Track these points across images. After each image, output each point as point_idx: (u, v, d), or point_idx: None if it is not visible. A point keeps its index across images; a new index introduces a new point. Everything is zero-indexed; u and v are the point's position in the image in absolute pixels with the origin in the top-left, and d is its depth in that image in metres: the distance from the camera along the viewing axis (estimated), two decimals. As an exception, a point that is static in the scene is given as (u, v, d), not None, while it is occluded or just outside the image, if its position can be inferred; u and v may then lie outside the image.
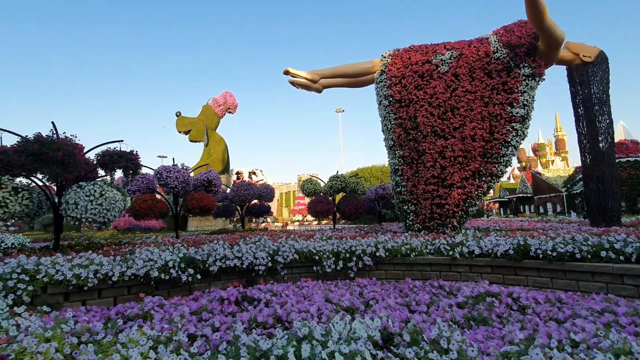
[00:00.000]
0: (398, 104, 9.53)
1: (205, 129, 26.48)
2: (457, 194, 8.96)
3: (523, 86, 8.65)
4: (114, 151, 6.80)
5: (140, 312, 3.01)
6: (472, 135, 8.74)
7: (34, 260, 3.73)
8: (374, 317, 2.74)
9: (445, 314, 2.74)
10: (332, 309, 2.95)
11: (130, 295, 3.93)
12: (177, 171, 8.77)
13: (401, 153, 9.47)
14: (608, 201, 8.69)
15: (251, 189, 12.11)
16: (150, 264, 3.93)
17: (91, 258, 3.87)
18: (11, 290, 3.32)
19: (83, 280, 3.55)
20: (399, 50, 9.95)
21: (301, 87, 10.62)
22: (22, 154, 5.50)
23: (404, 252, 4.88)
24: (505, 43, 8.77)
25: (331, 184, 12.38)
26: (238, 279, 4.70)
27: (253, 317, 2.79)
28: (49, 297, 3.55)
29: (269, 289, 3.73)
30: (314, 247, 4.95)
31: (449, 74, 9.07)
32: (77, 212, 5.81)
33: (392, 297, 3.52)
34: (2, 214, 5.40)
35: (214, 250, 4.52)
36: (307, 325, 2.34)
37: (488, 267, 4.52)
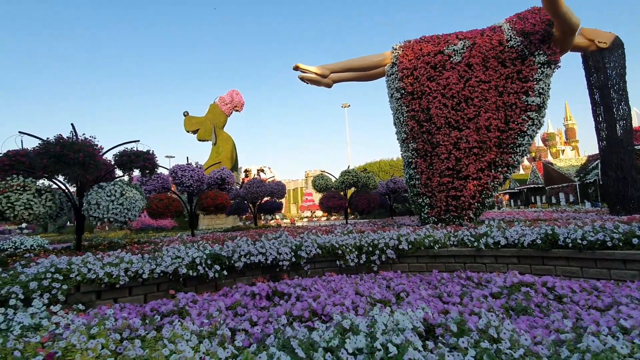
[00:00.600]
0: (410, 96, 9.44)
1: (213, 128, 26.58)
2: (472, 185, 8.88)
3: (538, 74, 8.51)
4: (132, 151, 6.86)
5: (175, 309, 3.04)
6: (487, 125, 8.64)
7: (66, 260, 3.78)
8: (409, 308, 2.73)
9: (482, 305, 2.71)
10: (365, 302, 2.95)
11: (160, 292, 3.97)
12: (192, 170, 8.81)
13: (414, 146, 9.40)
14: (627, 189, 8.53)
15: (263, 186, 12.13)
16: (178, 261, 3.96)
17: (121, 257, 3.92)
18: (46, 290, 3.37)
19: (115, 279, 3.59)
20: (410, 42, 9.83)
21: (311, 83, 10.58)
22: (44, 156, 5.56)
23: (427, 244, 4.85)
24: (519, 31, 8.61)
25: (343, 178, 12.35)
26: (262, 275, 4.72)
27: (288, 311, 2.80)
28: (82, 295, 3.60)
29: (297, 283, 3.74)
30: (336, 242, 4.95)
31: (462, 64, 8.95)
32: (99, 212, 5.87)
33: (422, 289, 3.50)
34: (27, 216, 5.48)
35: (239, 247, 4.54)
36: (347, 317, 2.33)
37: (514, 257, 4.47)
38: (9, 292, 3.32)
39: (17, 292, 3.30)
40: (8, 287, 3.34)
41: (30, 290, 3.34)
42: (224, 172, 9.99)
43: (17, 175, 5.70)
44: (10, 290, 3.31)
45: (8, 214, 5.33)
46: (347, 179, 12.21)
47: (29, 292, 3.34)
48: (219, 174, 9.90)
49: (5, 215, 5.35)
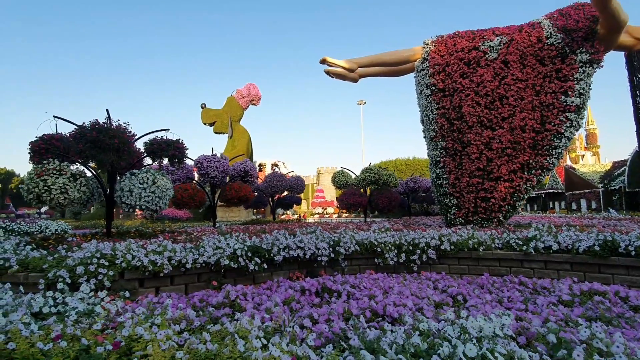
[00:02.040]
0: (441, 93, 9.18)
1: (229, 121, 26.59)
2: (504, 187, 8.62)
3: (579, 73, 8.17)
4: (163, 139, 6.80)
5: (226, 301, 2.93)
6: (522, 125, 8.35)
7: (110, 246, 3.72)
8: (478, 313, 2.56)
9: (557, 313, 2.53)
10: (427, 303, 2.79)
11: (200, 282, 3.89)
12: (217, 161, 8.75)
13: (443, 144, 9.16)
14: (670, 197, 8.15)
15: (284, 180, 12.04)
16: (219, 252, 3.87)
17: (164, 245, 3.84)
18: (92, 275, 3.31)
19: (159, 267, 3.51)
20: (443, 37, 9.55)
21: (336, 77, 10.39)
22: (80, 141, 5.54)
23: (471, 246, 4.66)
24: (561, 27, 8.27)
25: (364, 176, 12.16)
26: (299, 269, 4.60)
27: (347, 310, 2.66)
28: (126, 282, 3.53)
29: (344, 280, 3.60)
30: (375, 239, 4.80)
31: (498, 61, 8.65)
32: (131, 199, 5.84)
33: (476, 292, 3.33)
34: (62, 200, 5.47)
35: (277, 240, 4.43)
36: (422, 320, 2.18)
37: (567, 263, 4.25)
38: (56, 275, 3.27)
39: (64, 276, 3.25)
40: (55, 270, 3.29)
41: (77, 275, 3.28)
42: (247, 164, 9.91)
43: (52, 159, 5.69)
44: (58, 274, 3.26)
45: (45, 197, 5.33)
46: (368, 177, 12.03)
47: (75, 276, 3.28)
48: (242, 166, 9.82)
49: (42, 198, 5.35)
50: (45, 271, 3.34)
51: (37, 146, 5.85)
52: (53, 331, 2.04)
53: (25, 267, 3.48)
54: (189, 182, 9.14)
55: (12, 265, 3.43)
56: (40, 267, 3.41)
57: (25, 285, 3.38)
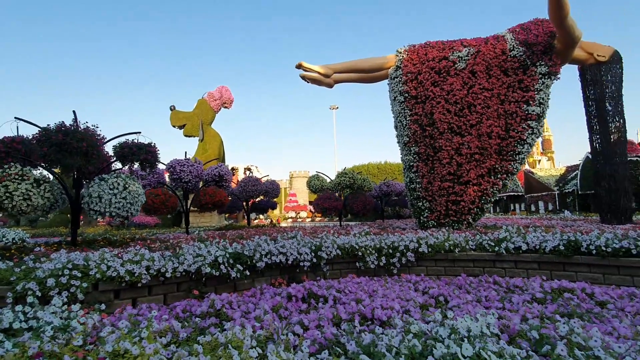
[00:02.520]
0: (414, 100, 9.49)
1: (200, 124, 25.93)
2: (473, 190, 9.03)
3: (539, 84, 8.75)
4: (134, 143, 6.53)
5: (211, 310, 2.85)
6: (489, 132, 8.80)
7: (83, 256, 3.51)
8: (462, 313, 2.67)
9: (533, 310, 2.70)
10: (413, 305, 2.87)
11: (180, 292, 3.75)
12: (190, 165, 8.50)
13: (416, 149, 9.46)
14: (620, 200, 8.90)
15: (259, 184, 11.90)
16: (199, 259, 3.76)
17: (141, 253, 3.67)
18: (64, 287, 3.10)
19: (137, 277, 3.35)
20: (415, 46, 9.90)
21: (312, 82, 10.46)
22: (44, 144, 5.19)
23: (448, 247, 4.85)
24: (522, 41, 8.82)
25: (339, 180, 12.29)
26: (281, 275, 4.57)
27: (336, 315, 2.68)
28: (100, 294, 3.34)
29: (329, 285, 3.62)
30: (356, 243, 4.86)
31: (466, 71, 9.08)
32: (100, 205, 5.53)
33: (457, 292, 3.47)
34: (25, 207, 5.08)
35: (259, 246, 4.37)
36: (413, 322, 2.25)
37: (535, 263, 4.53)
38: (25, 288, 3.04)
39: (33, 289, 3.03)
40: (23, 283, 3.05)
41: (48, 287, 3.06)
42: (221, 169, 9.71)
43: (14, 164, 5.29)
44: (27, 287, 3.03)
45: (6, 205, 4.93)
46: (343, 181, 12.17)
47: (46, 289, 3.07)
48: (216, 171, 9.61)
49: (2, 205, 4.94)
50: (13, 284, 3.09)
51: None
52: (30, 348, 1.90)
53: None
54: (160, 187, 8.81)
55: (-30, 279, 3.14)
56: (7, 280, 3.15)
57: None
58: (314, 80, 10.41)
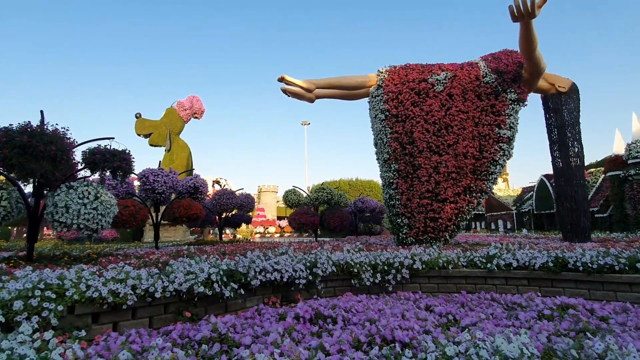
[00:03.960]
0: (394, 118, 9.72)
1: (168, 133, 24.85)
2: (450, 208, 9.28)
3: (509, 109, 9.32)
4: (107, 149, 6.01)
5: (214, 335, 2.55)
6: (465, 152, 9.18)
7: (57, 274, 3.04)
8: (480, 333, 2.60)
9: (547, 327, 2.69)
10: (432, 325, 2.76)
11: (168, 314, 3.36)
12: (165, 175, 7.98)
13: (396, 167, 9.62)
14: (580, 219, 9.55)
15: (234, 198, 11.45)
16: (191, 277, 3.41)
17: (126, 271, 3.26)
18: (35, 311, 2.64)
19: (122, 298, 2.95)
20: (396, 67, 10.23)
21: (293, 96, 10.41)
22: (5, 146, 4.59)
23: (441, 264, 4.85)
24: (494, 69, 9.41)
25: (316, 195, 12.17)
26: (274, 294, 4.29)
27: (355, 337, 2.50)
28: (76, 318, 2.89)
29: (334, 304, 3.42)
30: (351, 259, 4.72)
31: (444, 94, 9.49)
32: (67, 217, 4.95)
33: (462, 310, 3.42)
34: (-26, 217, 4.40)
35: (253, 263, 4.09)
36: (447, 344, 2.13)
37: (525, 279, 4.64)
38: (-19, 314, 2.54)
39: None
40: (-21, 308, 2.56)
41: (13, 312, 2.59)
42: (197, 180, 9.22)
43: (-38, 167, 4.61)
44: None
45: (-52, 214, 4.24)
46: (321, 196, 12.06)
47: (11, 313, 2.59)
48: (192, 182, 9.11)
49: (-56, 215, 4.24)
50: (-35, 309, 2.59)
51: (-61, 150, 4.71)
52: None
53: None
54: (130, 198, 8.16)
55: None
56: (-44, 304, 2.63)
57: None
58: (295, 94, 10.36)
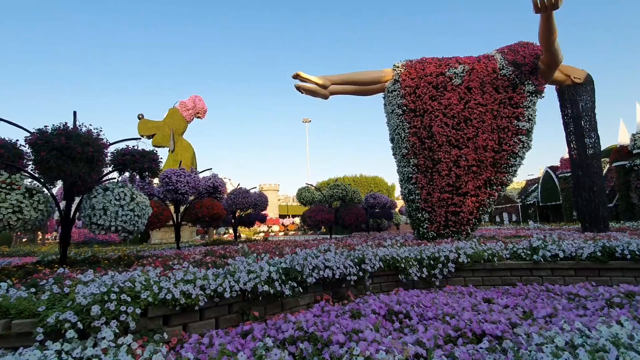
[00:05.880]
0: (412, 113, 9.67)
1: (171, 134, 24.63)
2: (471, 202, 9.27)
3: (527, 102, 9.31)
4: (136, 150, 5.92)
5: (300, 334, 2.49)
6: (484, 145, 9.15)
7: (127, 276, 2.97)
8: (560, 324, 2.57)
9: (625, 314, 2.68)
10: (517, 318, 2.73)
11: (232, 314, 3.31)
12: (187, 175, 7.88)
13: (415, 161, 9.58)
14: (599, 209, 9.60)
15: (249, 197, 11.37)
16: (253, 276, 3.36)
17: (192, 271, 3.19)
18: (112, 315, 2.57)
19: (193, 299, 2.89)
20: (412, 62, 10.17)
21: (307, 93, 10.32)
22: (42, 148, 4.48)
23: (486, 257, 4.83)
24: (511, 61, 9.38)
25: (331, 192, 12.12)
26: (324, 291, 4.24)
27: (447, 333, 2.46)
28: (149, 321, 2.82)
29: (400, 299, 3.39)
30: (397, 254, 4.69)
31: (462, 87, 9.44)
32: (105, 219, 4.86)
33: (525, 302, 3.40)
34: (14, 221, 4.29)
35: (306, 260, 4.04)
36: (554, 335, 2.10)
37: (571, 269, 4.63)
38: (59, 320, 2.47)
39: (71, 320, 2.47)
40: (56, 313, 2.49)
41: (90, 317, 2.52)
42: (216, 179, 9.13)
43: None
44: (61, 318, 2.47)
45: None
46: (336, 193, 12.01)
47: (88, 319, 2.52)
48: (211, 182, 9.02)
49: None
50: (41, 315, 2.51)
51: (-28, 154, 4.60)
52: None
53: (4, 313, 2.58)
54: (151, 199, 8.05)
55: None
56: (31, 311, 2.55)
57: (5, 338, 2.50)
58: (308, 90, 10.28)
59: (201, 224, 8.59)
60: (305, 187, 12.79)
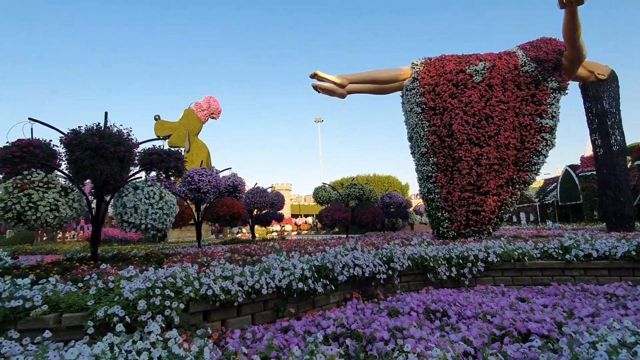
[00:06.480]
0: (432, 111, 9.59)
1: (187, 134, 25.00)
2: (492, 201, 9.13)
3: (551, 98, 9.11)
4: (162, 149, 6.03)
5: (343, 330, 2.50)
6: (506, 143, 9.00)
7: (167, 272, 3.03)
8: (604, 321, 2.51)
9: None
10: (562, 317, 2.68)
11: (267, 310, 3.34)
12: (209, 175, 7.99)
13: (435, 160, 9.50)
14: (625, 208, 9.34)
15: (267, 196, 11.45)
16: (287, 273, 3.39)
17: (230, 268, 3.24)
18: (157, 310, 2.63)
19: (233, 295, 2.93)
20: (431, 59, 10.07)
21: (324, 92, 10.33)
22: (77, 148, 4.61)
23: (517, 256, 4.76)
24: (533, 57, 9.20)
25: (348, 191, 12.11)
26: (353, 289, 4.25)
27: (492, 332, 2.44)
28: (190, 316, 2.88)
29: (435, 298, 3.37)
30: (425, 253, 4.66)
31: (483, 84, 9.31)
32: (136, 217, 4.97)
33: (564, 302, 3.33)
34: (52, 219, 4.43)
35: (335, 258, 4.05)
36: (607, 334, 2.06)
37: (605, 269, 4.53)
38: (108, 314, 2.54)
39: (119, 314, 2.54)
40: (105, 307, 2.56)
41: (137, 312, 2.58)
42: (235, 178, 9.23)
43: (35, 170, 4.64)
44: (109, 312, 2.54)
45: (29, 216, 4.27)
46: (353, 192, 12.00)
47: (134, 313, 2.59)
48: (230, 181, 9.12)
49: (25, 217, 4.28)
50: (90, 309, 2.59)
51: (9, 153, 4.75)
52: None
53: (54, 307, 2.66)
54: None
55: (36, 305, 2.60)
56: (81, 305, 2.63)
57: (56, 332, 2.58)
58: (326, 90, 10.30)
59: (222, 222, 8.69)
60: (321, 186, 12.81)
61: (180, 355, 2.02)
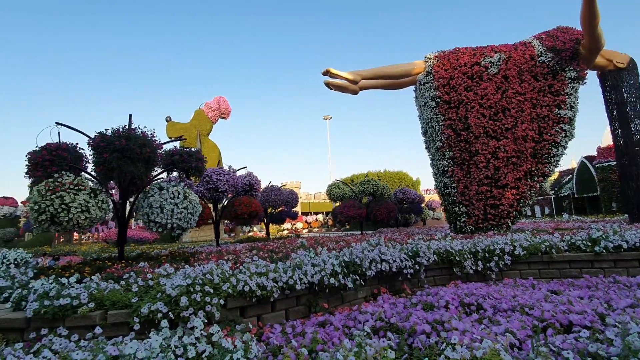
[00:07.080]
0: (447, 105, 9.51)
1: (198, 135, 25.25)
2: (511, 194, 9.03)
3: (569, 89, 8.94)
4: (183, 150, 6.12)
5: (382, 324, 2.53)
6: (524, 135, 8.88)
7: (205, 269, 3.09)
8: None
9: None
10: (604, 309, 2.66)
11: (299, 306, 3.39)
12: (227, 174, 8.07)
13: (451, 154, 9.43)
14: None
15: (281, 194, 11.52)
16: (318, 269, 3.42)
17: (265, 264, 3.30)
18: (199, 306, 2.69)
19: (269, 291, 2.98)
20: (445, 52, 9.97)
21: (336, 89, 10.30)
22: (105, 150, 4.71)
23: (544, 249, 4.71)
24: (550, 47, 9.04)
25: (362, 187, 12.10)
26: (380, 284, 4.27)
27: (535, 325, 2.43)
28: (228, 312, 2.93)
29: (469, 291, 3.37)
30: (451, 247, 4.65)
31: (499, 76, 9.19)
32: (162, 217, 5.06)
33: (599, 294, 3.30)
34: (83, 220, 4.55)
35: (363, 253, 4.07)
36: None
37: (635, 260, 4.45)
38: (152, 310, 2.61)
39: (162, 310, 2.61)
40: (149, 304, 2.63)
41: (179, 308, 2.65)
42: (251, 177, 9.30)
43: (65, 173, 4.76)
44: (153, 309, 2.61)
45: (62, 218, 4.40)
46: (367, 188, 11.99)
47: (176, 309, 2.65)
48: (247, 180, 9.20)
49: (58, 219, 4.40)
50: (134, 306, 2.66)
51: (39, 157, 4.88)
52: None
53: (98, 305, 2.75)
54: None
55: (83, 302, 2.68)
56: (125, 302, 2.71)
57: (102, 328, 2.66)
58: (338, 86, 10.27)
59: (239, 221, 8.78)
60: (335, 183, 12.82)
61: (230, 349, 2.07)
